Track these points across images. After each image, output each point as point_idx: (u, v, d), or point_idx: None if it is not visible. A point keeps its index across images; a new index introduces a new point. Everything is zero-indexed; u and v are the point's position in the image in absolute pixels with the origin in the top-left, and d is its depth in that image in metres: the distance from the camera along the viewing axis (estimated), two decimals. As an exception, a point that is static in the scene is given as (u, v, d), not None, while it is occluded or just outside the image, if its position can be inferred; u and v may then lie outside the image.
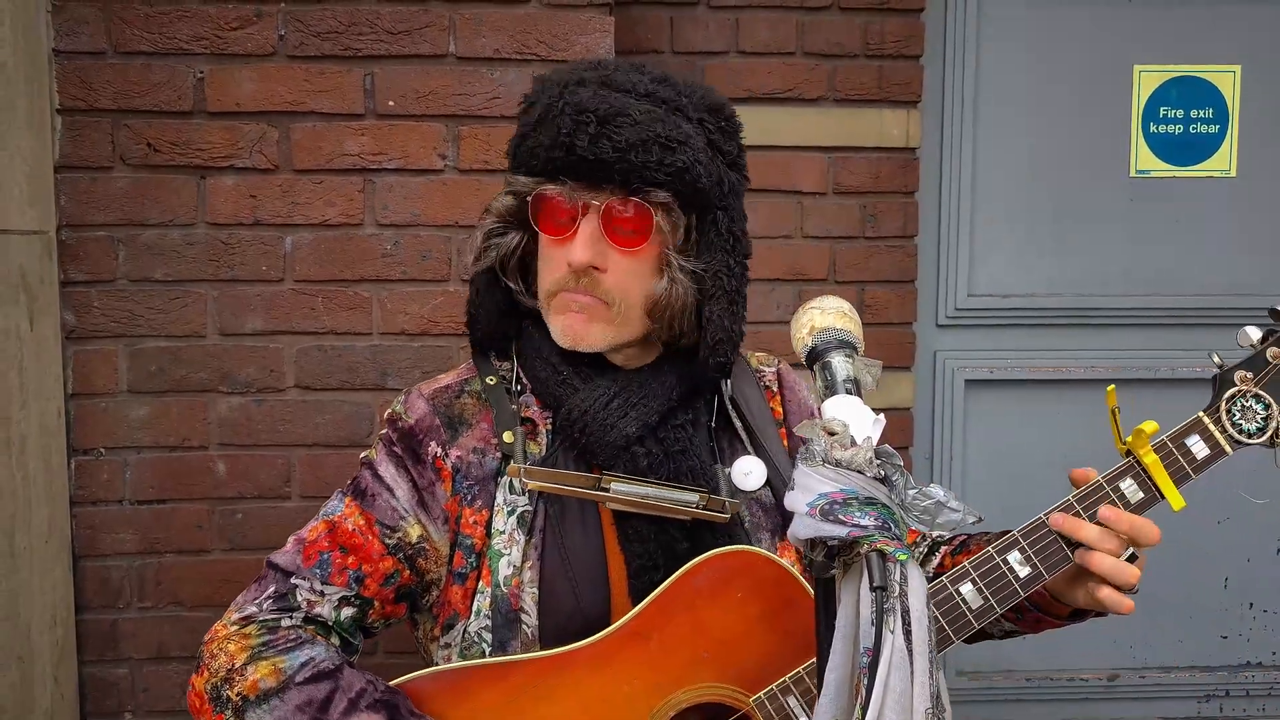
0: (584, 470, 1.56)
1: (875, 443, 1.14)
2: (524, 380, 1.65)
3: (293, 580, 1.54)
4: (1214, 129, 3.10)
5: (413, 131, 2.55)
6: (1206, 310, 3.12)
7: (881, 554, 1.08)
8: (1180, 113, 3.09)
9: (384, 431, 1.64)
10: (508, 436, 1.57)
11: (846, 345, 1.25)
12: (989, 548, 1.49)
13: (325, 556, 1.56)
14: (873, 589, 1.07)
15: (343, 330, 2.58)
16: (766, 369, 1.77)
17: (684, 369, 1.61)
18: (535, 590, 1.52)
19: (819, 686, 1.16)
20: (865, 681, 1.06)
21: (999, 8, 3.02)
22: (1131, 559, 1.49)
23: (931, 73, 3.00)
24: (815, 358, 1.25)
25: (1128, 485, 1.54)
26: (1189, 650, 3.24)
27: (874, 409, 1.19)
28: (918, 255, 3.00)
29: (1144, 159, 3.10)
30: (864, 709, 1.05)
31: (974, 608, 1.47)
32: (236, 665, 1.46)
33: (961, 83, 3.01)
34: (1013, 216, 3.08)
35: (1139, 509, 1.53)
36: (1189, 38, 3.06)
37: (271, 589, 1.55)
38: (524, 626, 1.51)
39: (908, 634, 1.08)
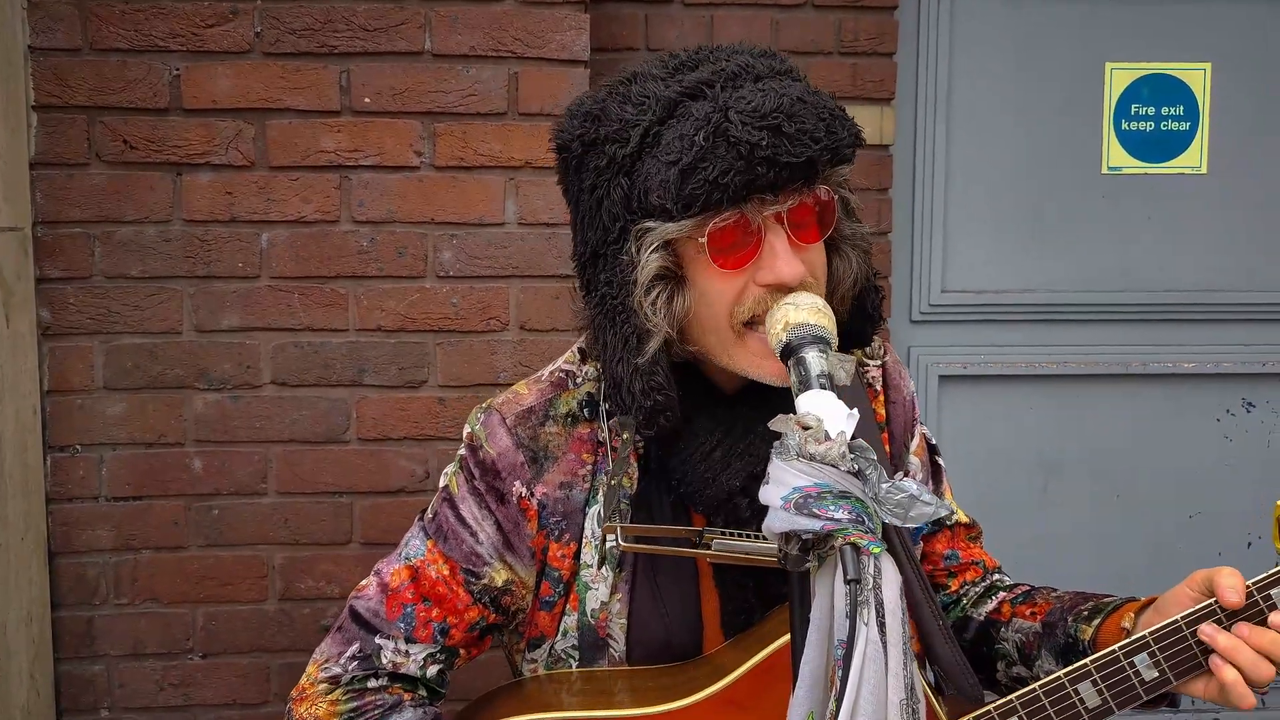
0: (680, 509, 1.46)
1: (849, 437, 1.15)
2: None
3: (377, 640, 1.47)
4: (1185, 126, 3.14)
5: (389, 128, 2.55)
6: (1178, 306, 3.15)
7: (855, 547, 1.09)
8: (1151, 110, 3.12)
9: (462, 454, 1.51)
10: (603, 539, 1.42)
11: (820, 341, 1.25)
12: (1116, 647, 1.38)
13: (409, 610, 1.47)
14: (847, 582, 1.08)
15: (319, 326, 2.58)
16: (871, 364, 1.63)
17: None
18: (624, 621, 1.46)
19: (794, 678, 1.17)
20: (840, 673, 1.07)
21: (972, 5, 3.04)
22: None
23: (905, 70, 3.01)
24: (789, 353, 1.25)
25: (1278, 593, 1.37)
26: (1160, 642, 3.27)
27: (847, 404, 1.20)
28: (892, 251, 3.02)
29: (1116, 156, 3.13)
30: (839, 700, 1.06)
31: (1090, 707, 1.39)
32: None
33: (935, 80, 3.03)
34: (986, 213, 3.10)
35: None
36: (1160, 36, 3.10)
37: (356, 646, 1.47)
38: (611, 650, 1.48)
39: (881, 626, 1.08)
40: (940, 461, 1.73)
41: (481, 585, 1.48)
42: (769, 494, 1.14)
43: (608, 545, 1.44)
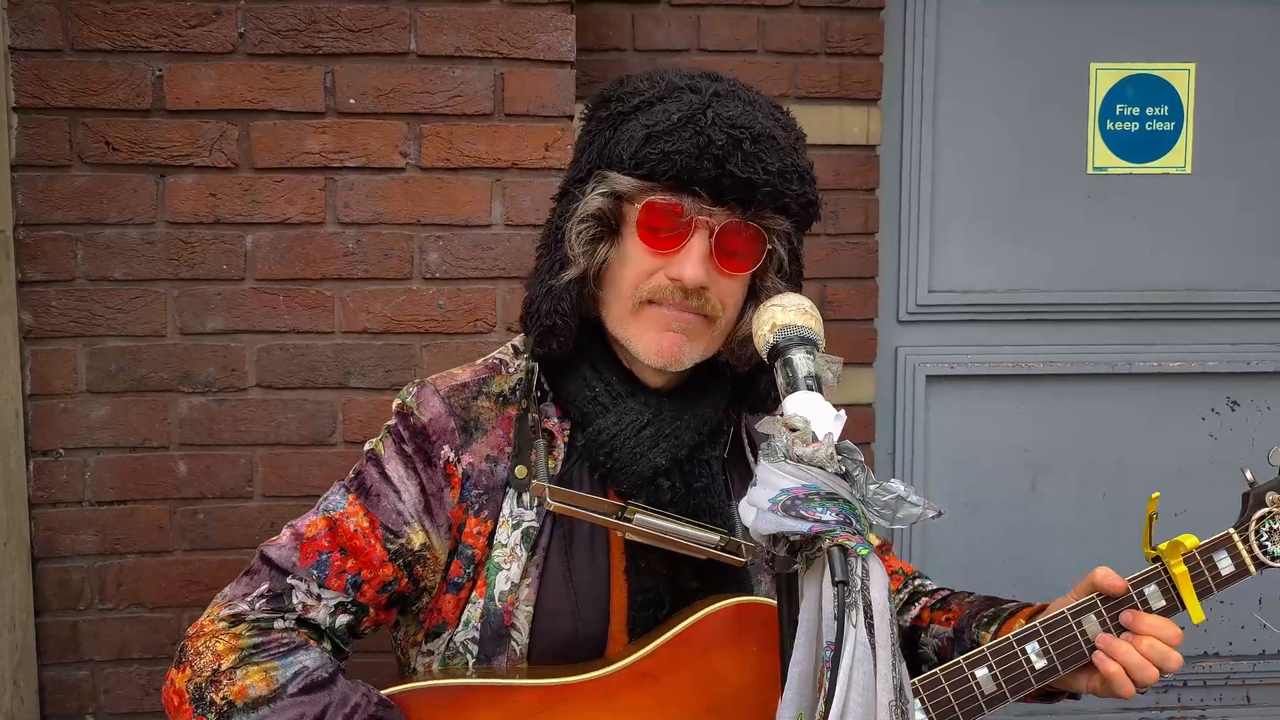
0: (599, 492, 1.51)
1: (836, 438, 1.15)
2: (545, 386, 1.57)
3: (289, 580, 1.46)
4: (1169, 126, 3.15)
5: (374, 129, 2.54)
6: (1164, 305, 3.16)
7: (843, 549, 1.09)
8: (1136, 110, 3.13)
9: (392, 424, 1.56)
10: (519, 471, 1.50)
11: (808, 342, 1.26)
12: (1009, 636, 1.50)
13: (324, 557, 1.48)
14: (835, 583, 1.08)
15: (305, 329, 2.57)
16: None
17: (721, 393, 1.57)
18: (530, 609, 1.48)
19: (782, 680, 1.17)
20: (828, 675, 1.07)
21: (957, 6, 3.05)
22: None
23: (891, 70, 3.02)
24: (777, 354, 1.26)
25: (1151, 591, 1.56)
26: (1147, 640, 3.28)
27: (835, 405, 1.20)
28: (878, 252, 3.02)
29: (1101, 156, 3.14)
30: (828, 702, 1.06)
31: (986, 693, 1.49)
32: (223, 667, 1.39)
33: (921, 80, 3.04)
34: (972, 213, 3.11)
35: (1161, 615, 1.56)
36: (1144, 36, 3.10)
37: (265, 586, 1.46)
38: (513, 643, 1.48)
39: (870, 627, 1.09)
40: None
41: (399, 544, 1.50)
42: (757, 495, 1.14)
43: (522, 526, 1.49)
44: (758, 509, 1.14)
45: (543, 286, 1.50)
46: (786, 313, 1.29)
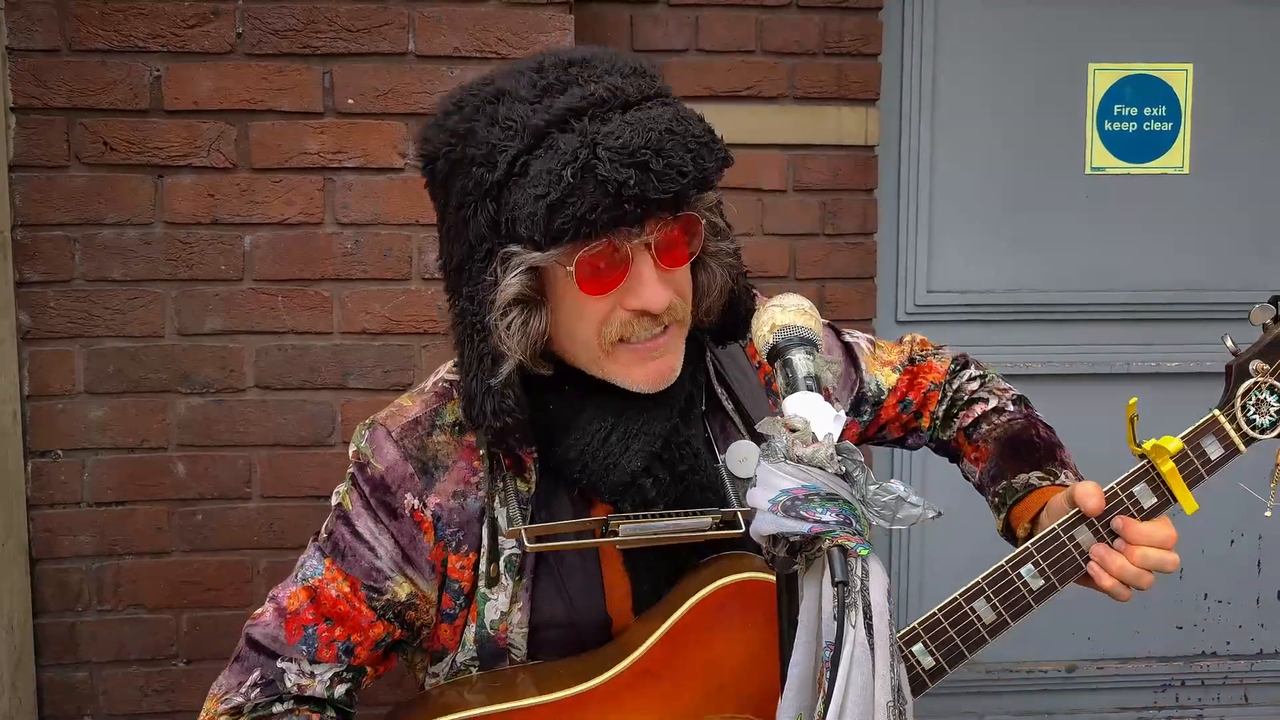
0: (579, 502, 1.45)
1: (836, 439, 1.15)
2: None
3: (279, 664, 1.42)
4: (1167, 126, 3.15)
5: (373, 130, 2.54)
6: (1161, 305, 3.16)
7: (843, 549, 1.09)
8: (1134, 110, 3.13)
9: (351, 472, 1.49)
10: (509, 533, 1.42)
11: (807, 343, 1.25)
12: (1003, 562, 1.48)
13: (310, 631, 1.43)
14: (834, 584, 1.08)
15: (303, 329, 2.57)
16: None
17: (691, 355, 1.46)
18: (525, 630, 1.45)
19: (781, 681, 1.17)
20: (827, 675, 1.07)
21: (956, 7, 3.05)
22: None
23: (889, 71, 3.02)
24: (776, 355, 1.25)
25: (1140, 489, 1.52)
26: (1145, 641, 3.28)
27: (834, 405, 1.20)
28: (877, 252, 3.02)
29: (1099, 156, 3.14)
30: (826, 703, 1.06)
31: (987, 623, 1.48)
32: None
33: (919, 81, 3.04)
34: (970, 213, 3.11)
35: (1151, 514, 1.51)
36: (1142, 37, 3.11)
37: (256, 674, 1.42)
38: (513, 657, 1.46)
39: (869, 628, 1.08)
40: (850, 341, 1.76)
41: (384, 600, 1.44)
42: (757, 496, 1.14)
43: (504, 555, 1.44)
44: (758, 509, 1.14)
45: (480, 384, 1.36)
46: (786, 313, 1.28)
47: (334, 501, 1.51)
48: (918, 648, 1.49)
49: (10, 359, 2.46)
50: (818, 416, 1.15)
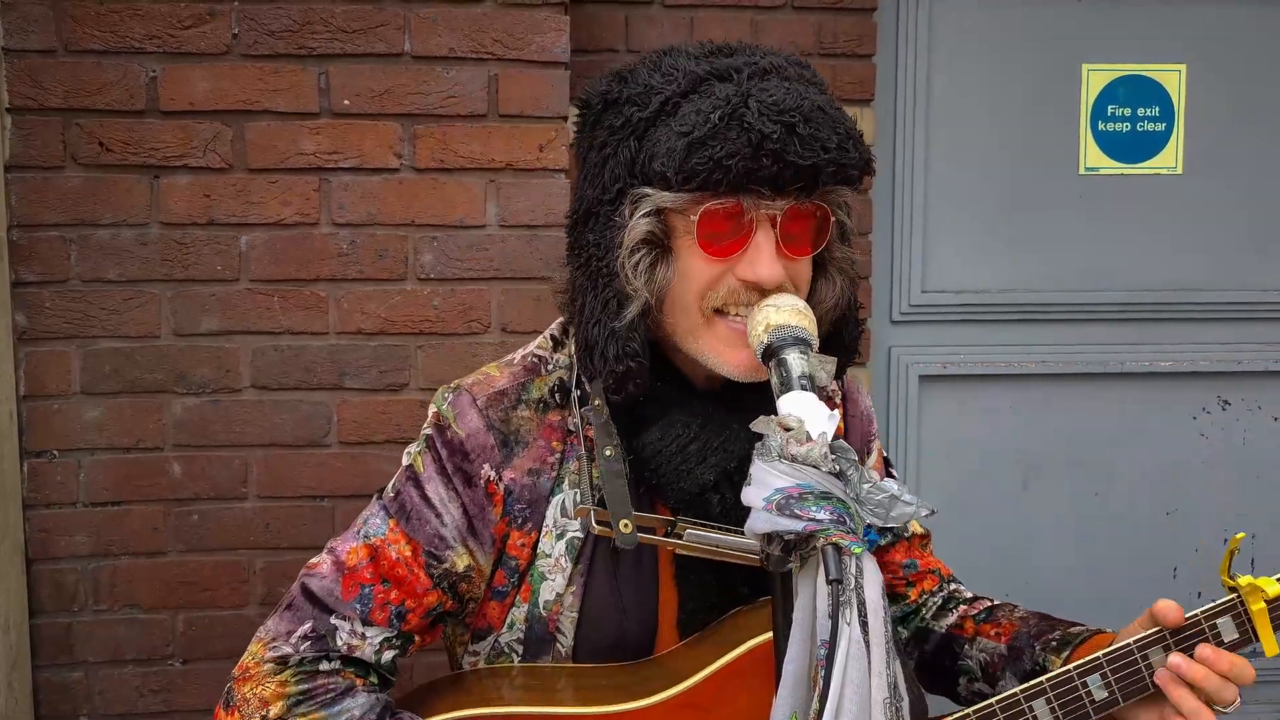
0: (646, 501, 1.45)
1: (830, 438, 1.15)
2: (586, 387, 1.46)
3: (332, 620, 1.42)
4: (1160, 127, 3.16)
5: (368, 130, 2.54)
6: (1155, 305, 3.17)
7: (837, 547, 1.10)
8: (1128, 111, 3.14)
9: (428, 434, 1.48)
10: (625, 525, 1.39)
11: (802, 342, 1.25)
12: (1071, 668, 1.44)
13: (367, 590, 1.43)
14: (829, 582, 1.08)
15: (299, 330, 2.57)
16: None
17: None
18: (575, 615, 1.45)
19: (777, 679, 1.17)
20: (823, 673, 1.07)
21: (950, 7, 3.06)
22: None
23: (884, 72, 3.02)
24: (771, 354, 1.26)
25: (1224, 623, 1.45)
26: (1139, 639, 3.29)
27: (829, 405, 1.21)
28: (872, 252, 3.03)
29: (1093, 156, 3.15)
30: (822, 700, 1.06)
31: None
32: (271, 715, 1.37)
33: (914, 82, 3.04)
34: (965, 214, 3.12)
35: (1230, 649, 1.44)
36: (1136, 38, 3.12)
37: (309, 625, 1.42)
38: (558, 645, 1.46)
39: (864, 625, 1.09)
40: (894, 473, 1.77)
41: (443, 569, 1.45)
42: (751, 495, 1.14)
43: (567, 536, 1.44)
44: (753, 508, 1.14)
45: (603, 330, 1.36)
46: (780, 313, 1.29)
47: (405, 462, 1.50)
48: None
49: (6, 359, 2.46)
50: (812, 416, 1.16)
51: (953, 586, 1.77)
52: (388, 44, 2.52)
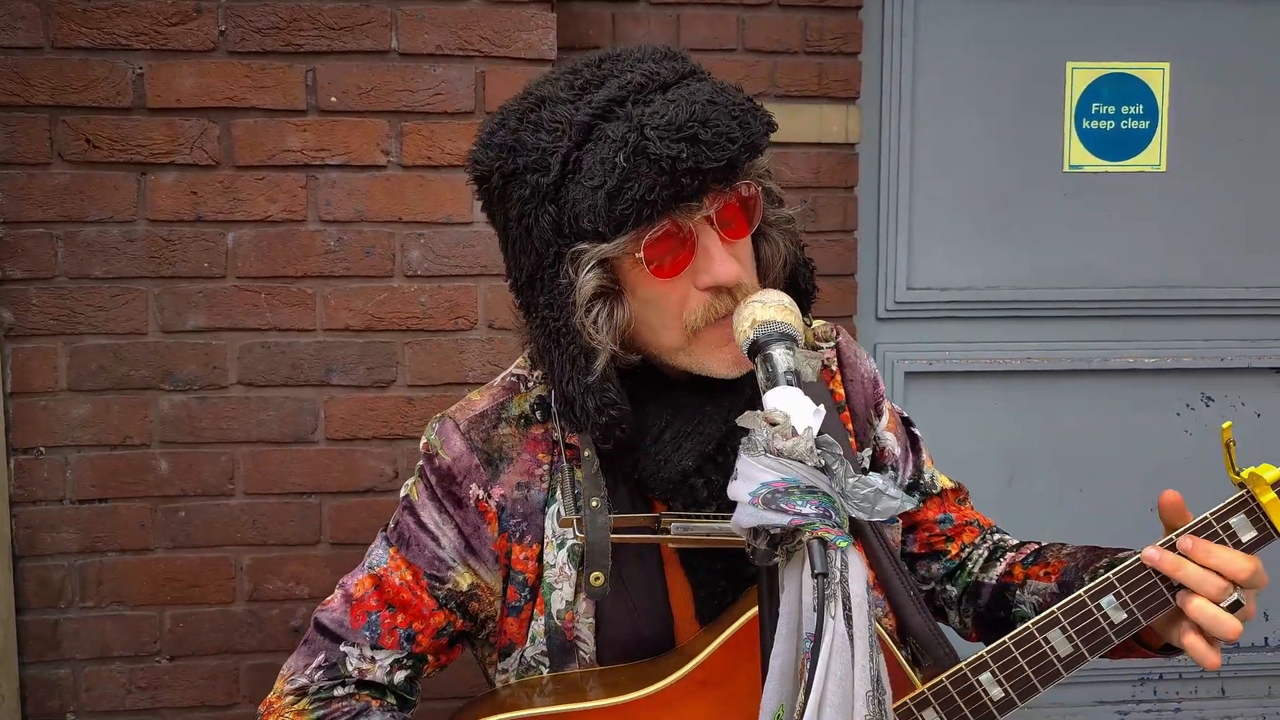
0: (638, 497, 1.47)
1: (816, 433, 1.16)
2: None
3: (342, 648, 1.48)
4: (1144, 125, 3.18)
5: (356, 127, 2.54)
6: (1138, 302, 3.19)
7: (823, 541, 1.10)
8: (1112, 109, 3.16)
9: (420, 464, 1.52)
10: (596, 578, 1.42)
11: (787, 338, 1.26)
12: (1081, 592, 1.39)
13: (374, 617, 1.48)
14: (814, 575, 1.09)
15: (286, 327, 2.57)
16: (824, 345, 1.65)
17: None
18: (591, 620, 1.47)
19: (764, 672, 1.18)
20: (808, 666, 1.08)
21: (936, 5, 3.07)
22: (1234, 607, 1.34)
23: (870, 69, 3.04)
24: (757, 350, 1.26)
25: (1238, 521, 1.36)
26: (1123, 634, 3.31)
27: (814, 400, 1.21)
28: (858, 249, 3.04)
29: (1077, 154, 3.16)
30: (807, 692, 1.07)
31: (1062, 656, 1.39)
32: None
33: (899, 79, 3.06)
34: (951, 211, 3.13)
35: (1251, 548, 1.36)
36: (1120, 36, 3.13)
37: (321, 656, 1.48)
38: (581, 653, 1.48)
39: (848, 619, 1.09)
40: (916, 433, 1.74)
41: (446, 590, 1.49)
42: (737, 490, 1.15)
43: (568, 544, 1.46)
44: (739, 502, 1.15)
45: (577, 386, 1.38)
46: (766, 309, 1.29)
47: (402, 494, 1.55)
48: (985, 676, 1.41)
49: (-8, 356, 2.46)
50: (798, 411, 1.17)
51: (997, 536, 1.74)
52: (375, 41, 2.52)
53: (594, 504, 1.44)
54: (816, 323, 1.66)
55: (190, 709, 2.62)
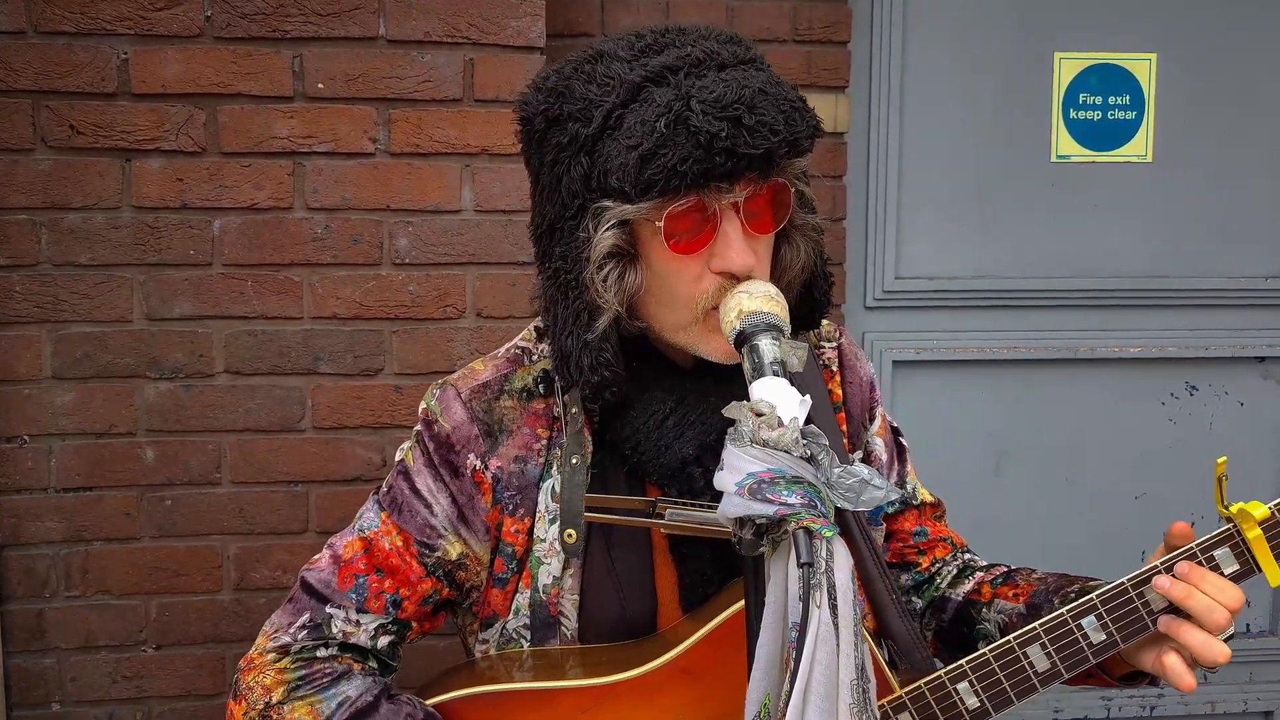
0: (633, 481, 1.48)
1: (801, 423, 1.16)
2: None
3: (328, 609, 1.48)
4: (1131, 115, 3.18)
5: (343, 114, 2.53)
6: (1124, 292, 3.20)
7: (808, 531, 1.11)
8: (1099, 99, 3.16)
9: (418, 429, 1.53)
10: (569, 535, 1.45)
11: (774, 328, 1.26)
12: (1064, 610, 1.42)
13: (361, 580, 1.49)
14: (800, 565, 1.10)
15: (273, 314, 2.56)
16: (827, 345, 1.68)
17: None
18: (575, 597, 1.47)
19: (749, 661, 1.18)
20: (794, 654, 1.09)
21: (924, -5, 3.07)
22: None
23: (859, 58, 3.04)
24: (743, 340, 1.27)
25: (1222, 554, 1.41)
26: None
27: (801, 389, 1.22)
28: (846, 238, 3.04)
29: (1064, 144, 3.17)
30: (793, 680, 1.08)
31: (1040, 671, 1.43)
32: (273, 701, 1.44)
33: (888, 68, 3.06)
34: (939, 200, 3.14)
35: (1232, 581, 1.40)
36: (1107, 26, 3.14)
37: (306, 616, 1.49)
38: (563, 629, 1.49)
39: (834, 608, 1.10)
40: (903, 443, 1.78)
41: (435, 558, 1.50)
42: (724, 480, 1.15)
43: (558, 521, 1.47)
44: (725, 492, 1.15)
45: (576, 341, 1.39)
46: (753, 299, 1.30)
47: (397, 458, 1.55)
48: (963, 686, 1.44)
49: (-24, 344, 2.44)
50: (784, 401, 1.17)
51: (967, 556, 1.77)
52: (362, 27, 2.51)
53: (574, 461, 1.46)
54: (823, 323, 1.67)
55: (176, 698, 2.62)
